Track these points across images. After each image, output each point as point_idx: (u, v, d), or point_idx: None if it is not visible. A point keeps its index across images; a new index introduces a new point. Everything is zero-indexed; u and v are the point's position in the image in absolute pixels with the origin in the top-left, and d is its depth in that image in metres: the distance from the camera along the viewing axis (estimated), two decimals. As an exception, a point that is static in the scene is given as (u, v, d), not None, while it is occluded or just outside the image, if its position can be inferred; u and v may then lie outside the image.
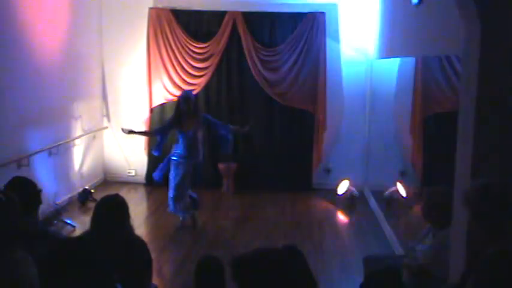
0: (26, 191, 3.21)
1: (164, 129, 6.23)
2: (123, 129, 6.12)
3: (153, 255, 3.27)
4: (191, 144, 5.94)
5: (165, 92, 7.83)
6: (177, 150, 6.03)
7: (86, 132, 7.40)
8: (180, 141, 6.00)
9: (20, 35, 5.69)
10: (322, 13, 7.57)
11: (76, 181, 7.16)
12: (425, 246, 3.51)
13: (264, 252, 2.02)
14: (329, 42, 7.67)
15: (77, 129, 7.19)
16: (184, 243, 5.73)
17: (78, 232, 5.63)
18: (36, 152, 5.93)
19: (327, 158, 7.93)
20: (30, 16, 5.84)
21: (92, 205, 5.98)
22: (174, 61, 7.77)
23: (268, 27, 7.70)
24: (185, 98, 5.99)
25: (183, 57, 7.75)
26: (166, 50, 7.75)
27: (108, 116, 8.10)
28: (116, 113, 8.07)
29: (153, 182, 7.88)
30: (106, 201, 3.19)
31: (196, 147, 5.99)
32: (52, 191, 6.29)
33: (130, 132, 6.14)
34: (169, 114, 7.30)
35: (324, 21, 7.57)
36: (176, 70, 7.78)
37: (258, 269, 1.94)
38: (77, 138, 7.13)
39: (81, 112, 7.28)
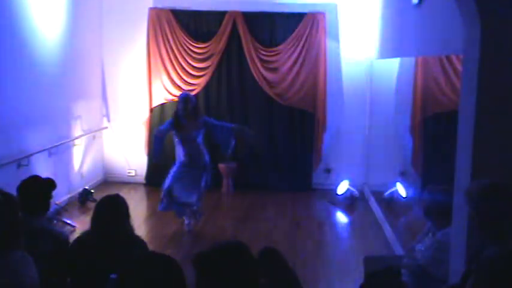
0: (39, 192, 3.22)
1: (166, 130, 5.93)
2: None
3: (153, 255, 3.26)
4: (192, 149, 5.75)
5: (165, 92, 7.83)
6: (179, 159, 5.83)
7: (86, 132, 7.40)
8: (180, 146, 5.81)
9: (19, 35, 5.68)
10: (322, 13, 7.57)
11: (76, 181, 7.16)
12: (425, 246, 3.51)
13: (221, 247, 2.00)
14: (329, 42, 7.67)
15: (77, 129, 7.19)
16: (184, 243, 5.73)
17: (78, 232, 5.62)
18: (36, 152, 5.93)
19: (327, 158, 7.93)
20: (30, 16, 5.84)
21: (92, 205, 6.00)
22: (174, 61, 7.77)
23: (268, 27, 7.70)
24: (184, 99, 5.81)
25: (183, 57, 7.75)
26: (166, 50, 7.75)
27: (108, 116, 8.10)
28: (116, 113, 8.07)
29: (153, 182, 7.93)
30: (106, 201, 3.18)
31: (198, 151, 5.80)
32: (52, 191, 6.28)
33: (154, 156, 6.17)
34: (169, 114, 7.29)
35: (324, 21, 7.57)
36: (176, 70, 7.78)
37: (216, 263, 1.93)
38: (77, 138, 7.13)
39: (81, 112, 7.28)
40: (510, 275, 2.02)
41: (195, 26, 7.76)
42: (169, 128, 5.90)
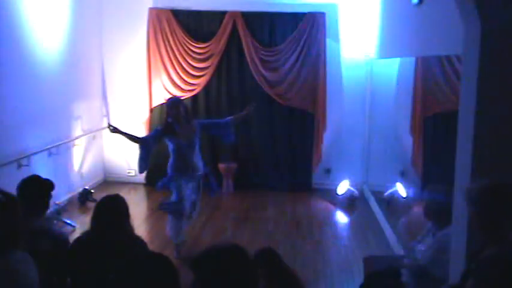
0: (38, 192, 3.22)
1: (153, 138, 5.37)
2: (109, 125, 5.35)
3: (153, 256, 3.26)
4: (186, 156, 5.24)
5: (165, 92, 7.82)
6: (172, 166, 5.32)
7: (85, 132, 7.41)
8: (173, 154, 5.30)
9: (20, 35, 5.69)
10: (322, 13, 7.56)
11: (76, 181, 7.16)
12: (425, 246, 3.51)
13: (218, 249, 1.98)
14: (329, 42, 7.67)
15: (77, 129, 7.19)
16: (184, 243, 5.71)
17: (78, 232, 5.62)
18: (36, 152, 5.93)
19: (327, 158, 7.92)
20: (30, 16, 5.84)
21: (92, 205, 5.99)
22: (174, 61, 7.77)
23: (268, 27, 7.70)
24: (173, 104, 5.30)
25: (183, 57, 7.75)
26: (166, 50, 7.75)
27: (108, 116, 8.10)
28: (116, 113, 8.07)
29: (153, 182, 7.92)
30: (106, 201, 3.19)
31: (193, 158, 5.28)
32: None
33: (115, 130, 5.31)
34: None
35: (324, 21, 7.57)
36: (176, 70, 7.78)
37: (214, 265, 1.92)
38: (77, 138, 7.13)
39: (81, 112, 7.28)
40: (510, 275, 2.01)
41: (195, 26, 7.75)
42: (157, 135, 5.38)
